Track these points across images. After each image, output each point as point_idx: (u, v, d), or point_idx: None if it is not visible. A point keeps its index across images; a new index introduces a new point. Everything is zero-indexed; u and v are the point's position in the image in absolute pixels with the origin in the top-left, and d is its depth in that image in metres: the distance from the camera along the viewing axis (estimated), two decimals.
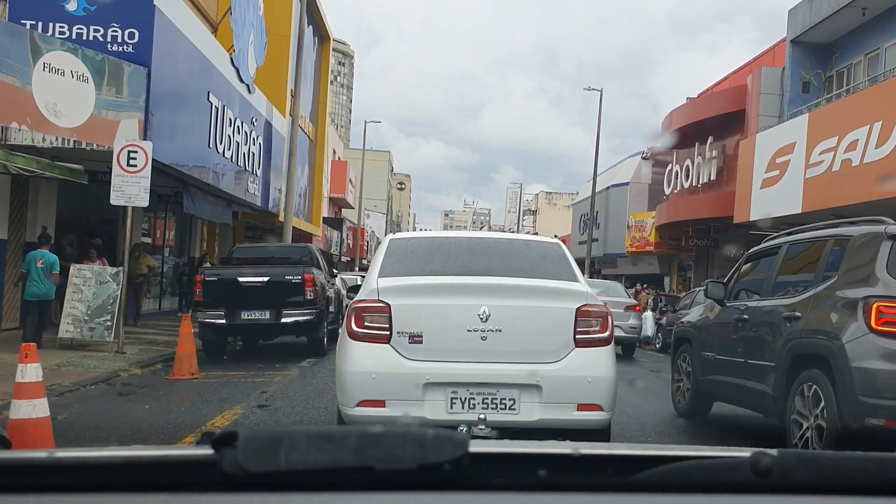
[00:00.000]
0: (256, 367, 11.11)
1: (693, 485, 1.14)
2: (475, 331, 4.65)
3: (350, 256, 48.01)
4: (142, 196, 11.23)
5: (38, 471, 1.10)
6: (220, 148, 16.35)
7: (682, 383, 7.90)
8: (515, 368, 4.64)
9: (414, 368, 4.60)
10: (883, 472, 1.17)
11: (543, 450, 1.23)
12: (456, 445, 1.06)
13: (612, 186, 37.10)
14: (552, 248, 5.55)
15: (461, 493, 1.09)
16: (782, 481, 1.12)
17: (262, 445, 1.05)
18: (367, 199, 58.70)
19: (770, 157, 20.22)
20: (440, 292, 4.85)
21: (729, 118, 25.18)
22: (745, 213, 21.47)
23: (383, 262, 5.14)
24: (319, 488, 1.05)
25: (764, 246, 7.39)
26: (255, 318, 11.77)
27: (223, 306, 11.69)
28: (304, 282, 11.79)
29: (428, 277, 4.99)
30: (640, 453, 1.25)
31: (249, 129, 18.74)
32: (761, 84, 22.84)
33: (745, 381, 6.53)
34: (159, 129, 12.64)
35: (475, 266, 5.12)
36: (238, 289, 11.72)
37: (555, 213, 75.33)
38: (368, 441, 1.05)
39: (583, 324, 4.76)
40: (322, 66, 32.61)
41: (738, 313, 6.85)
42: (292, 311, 11.79)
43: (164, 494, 1.06)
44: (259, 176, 20.54)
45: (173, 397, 8.47)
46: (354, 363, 4.71)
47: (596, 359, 4.78)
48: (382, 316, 4.68)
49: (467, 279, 4.92)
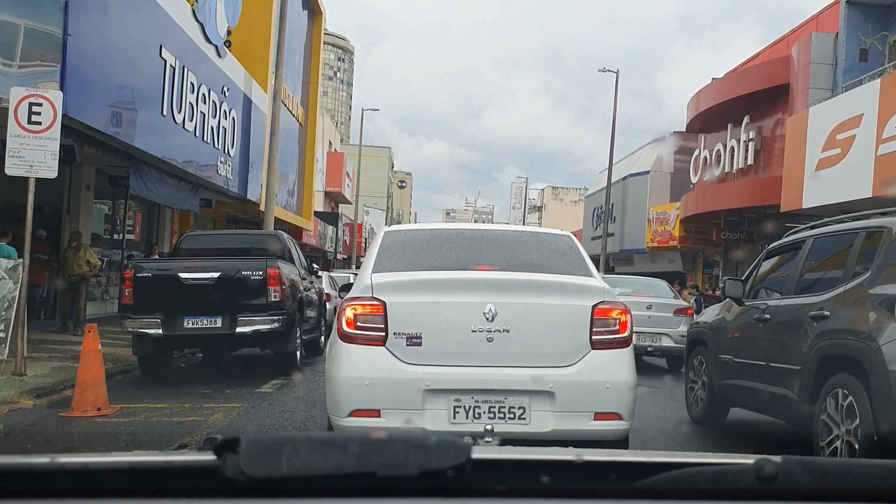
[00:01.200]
0: (199, 393, 8.30)
1: (697, 492, 1.14)
2: (480, 331, 4.34)
3: (347, 254, 45.33)
4: (49, 164, 8.43)
5: (40, 476, 1.10)
6: (179, 118, 13.50)
7: (697, 388, 7.53)
8: (525, 373, 4.33)
9: (412, 373, 4.30)
10: (888, 478, 1.17)
11: (547, 456, 1.24)
12: (459, 451, 1.06)
13: (629, 176, 34.15)
14: (563, 241, 5.16)
15: (464, 500, 1.10)
16: (786, 488, 1.13)
17: (264, 451, 1.05)
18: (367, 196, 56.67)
19: (828, 134, 17.38)
20: (441, 289, 4.51)
21: (768, 95, 22.34)
22: (796, 199, 18.61)
23: (378, 256, 4.80)
24: (321, 494, 1.07)
25: (785, 240, 6.90)
26: (201, 327, 8.93)
27: (160, 311, 8.87)
28: (266, 278, 8.95)
29: (428, 273, 4.63)
30: (644, 460, 1.24)
31: (219, 100, 15.89)
32: (811, 52, 19.97)
33: (766, 386, 6.16)
34: (83, 82, 9.76)
35: (480, 260, 4.81)
36: (179, 288, 8.88)
37: (562, 209, 72.41)
38: (371, 447, 1.06)
39: (599, 323, 4.46)
40: (313, 45, 29.71)
41: (758, 313, 6.45)
42: (252, 318, 8.96)
43: (166, 500, 1.06)
44: (234, 157, 17.69)
45: (48, 448, 5.66)
46: (345, 368, 4.39)
47: (614, 362, 4.47)
48: (377, 315, 4.37)
49: (471, 274, 4.64)
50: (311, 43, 29.56)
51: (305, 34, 28.70)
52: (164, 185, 14.14)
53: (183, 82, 13.57)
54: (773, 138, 23.20)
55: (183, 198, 15.32)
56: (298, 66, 28.02)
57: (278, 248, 10.47)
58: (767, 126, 23.50)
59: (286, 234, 11.65)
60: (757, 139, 23.39)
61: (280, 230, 11.60)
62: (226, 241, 11.51)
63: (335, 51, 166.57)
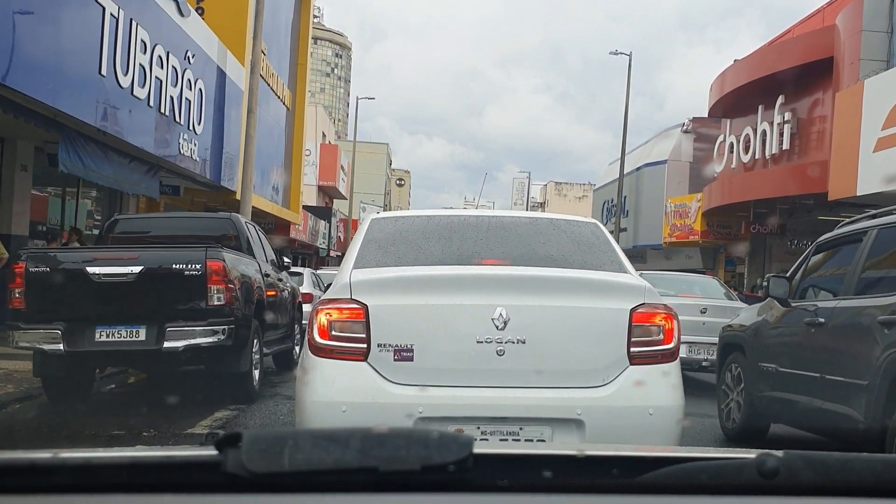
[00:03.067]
0: (108, 434, 5.92)
1: (698, 486, 1.14)
2: (488, 342, 3.52)
3: (342, 251, 43.03)
4: None
5: (42, 471, 1.10)
6: (126, 80, 11.11)
7: (732, 400, 6.79)
8: (546, 396, 3.54)
9: (401, 397, 3.54)
10: (890, 472, 1.17)
11: (548, 451, 1.30)
12: (460, 446, 1.06)
13: (644, 166, 31.73)
14: (589, 230, 4.35)
15: (465, 495, 1.10)
16: (788, 483, 1.12)
17: (265, 446, 1.06)
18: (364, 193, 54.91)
19: (890, 110, 15.04)
20: (439, 288, 3.66)
21: (805, 72, 20.00)
22: (848, 186, 16.26)
23: (361, 249, 4.03)
24: (323, 489, 1.06)
25: (841, 232, 6.09)
26: (118, 341, 6.55)
27: (61, 319, 6.51)
28: (206, 274, 6.57)
29: (422, 268, 3.84)
30: (646, 454, 1.25)
31: (181, 66, 13.49)
32: (863, 19, 17.61)
33: (820, 402, 5.41)
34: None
35: (487, 253, 4.03)
36: (88, 288, 6.53)
37: (565, 205, 70.06)
38: (372, 442, 1.06)
39: (640, 331, 3.63)
40: (301, 22, 27.33)
41: (809, 316, 5.69)
42: (186, 327, 6.59)
43: (167, 495, 1.07)
44: (204, 137, 15.30)
45: None
46: (317, 390, 3.59)
47: (659, 380, 3.62)
48: (356, 322, 3.57)
49: (477, 270, 3.82)
50: (300, 20, 27.20)
51: (293, 10, 26.33)
52: (109, 163, 11.70)
53: (130, 38, 11.16)
54: (811, 120, 20.89)
55: (136, 180, 12.84)
56: (285, 45, 25.67)
57: (230, 236, 8.08)
58: (803, 107, 21.16)
59: (245, 220, 9.20)
60: (793, 121, 21.04)
61: (233, 213, 9.15)
62: (167, 226, 9.07)
63: (332, 47, 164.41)
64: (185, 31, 13.90)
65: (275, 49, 23.80)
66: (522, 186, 79.51)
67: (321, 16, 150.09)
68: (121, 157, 12.19)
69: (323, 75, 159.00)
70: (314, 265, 34.48)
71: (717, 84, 25.18)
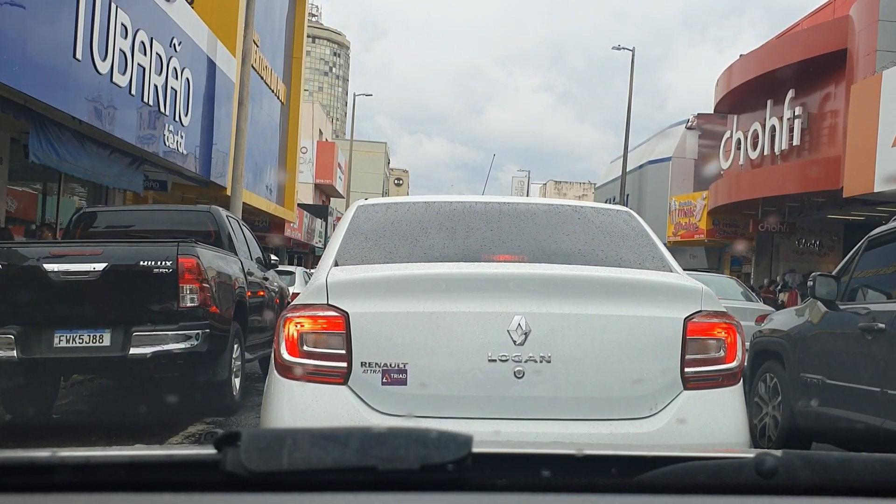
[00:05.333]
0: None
1: (697, 486, 1.13)
2: (504, 360, 2.77)
3: None
4: None
5: (41, 470, 1.09)
6: (104, 66, 10.42)
7: (767, 415, 6.07)
8: (578, 433, 2.76)
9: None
10: (889, 472, 1.15)
11: (547, 450, 1.24)
12: (459, 446, 1.05)
13: (647, 163, 31.06)
14: (623, 220, 3.60)
15: (464, 494, 1.09)
16: (787, 482, 1.12)
17: (264, 445, 1.05)
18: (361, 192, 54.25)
19: None
20: (439, 291, 2.88)
21: (816, 65, 19.33)
22: (865, 182, 15.62)
23: (343, 242, 3.36)
24: (322, 488, 1.05)
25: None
26: (79, 346, 5.85)
27: (15, 322, 5.81)
28: (177, 273, 5.87)
29: (417, 266, 3.11)
30: (645, 454, 1.22)
31: (167, 54, 12.79)
32: (879, 9, 16.95)
33: (881, 420, 4.80)
34: None
35: (499, 248, 3.30)
36: (45, 287, 5.83)
37: None
38: (371, 441, 1.06)
39: (697, 346, 2.88)
40: (297, 17, 26.61)
41: (862, 320, 5.08)
42: (155, 332, 5.88)
43: (166, 494, 1.06)
44: (191, 129, 14.59)
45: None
46: (284, 420, 2.85)
47: (720, 409, 2.92)
48: (335, 335, 2.82)
49: (488, 268, 3.08)
50: (295, 12, 26.49)
51: (288, 1, 25.63)
52: (87, 154, 10.98)
53: (109, 21, 10.47)
54: (822, 115, 20.21)
55: (117, 173, 12.12)
56: (279, 38, 24.98)
57: (215, 228, 7.38)
58: (814, 101, 20.49)
59: (228, 213, 8.48)
60: (804, 116, 20.37)
61: (213, 206, 8.45)
62: (140, 220, 8.36)
63: (331, 46, 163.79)
64: (171, 17, 13.19)
65: (268, 42, 23.12)
66: (522, 185, 78.98)
67: (319, 14, 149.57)
68: (100, 147, 11.48)
69: (321, 74, 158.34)
70: (310, 264, 33.80)
71: (723, 79, 24.52)
